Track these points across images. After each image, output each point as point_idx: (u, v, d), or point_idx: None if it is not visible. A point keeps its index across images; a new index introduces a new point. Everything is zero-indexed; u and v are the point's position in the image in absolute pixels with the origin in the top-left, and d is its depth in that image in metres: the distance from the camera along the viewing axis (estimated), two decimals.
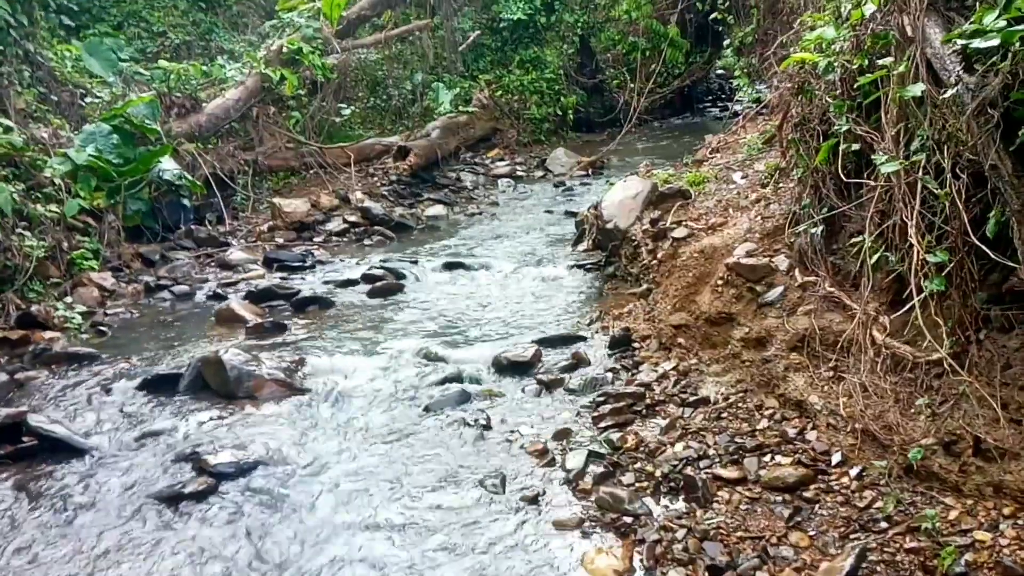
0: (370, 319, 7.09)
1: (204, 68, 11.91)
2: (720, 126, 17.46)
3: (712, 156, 8.80)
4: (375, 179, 11.87)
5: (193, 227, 9.68)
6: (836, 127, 4.57)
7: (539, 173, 12.75)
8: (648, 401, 5.15)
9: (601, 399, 5.25)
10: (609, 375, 5.58)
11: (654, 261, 6.64)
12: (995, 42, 3.26)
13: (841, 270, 5.04)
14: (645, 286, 6.66)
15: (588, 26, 16.17)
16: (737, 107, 12.82)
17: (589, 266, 7.85)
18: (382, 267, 8.35)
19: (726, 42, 19.31)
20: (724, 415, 4.90)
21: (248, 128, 11.53)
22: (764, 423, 4.67)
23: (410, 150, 11.93)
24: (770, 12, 11.79)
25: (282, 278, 8.41)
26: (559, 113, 15.23)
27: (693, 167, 8.51)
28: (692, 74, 17.78)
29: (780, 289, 5.23)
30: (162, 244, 9.31)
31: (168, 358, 6.35)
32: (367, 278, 8.10)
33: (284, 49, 12.15)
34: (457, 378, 5.77)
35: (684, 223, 6.57)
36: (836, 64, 4.62)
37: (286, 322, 7.04)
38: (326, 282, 8.19)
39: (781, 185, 6.10)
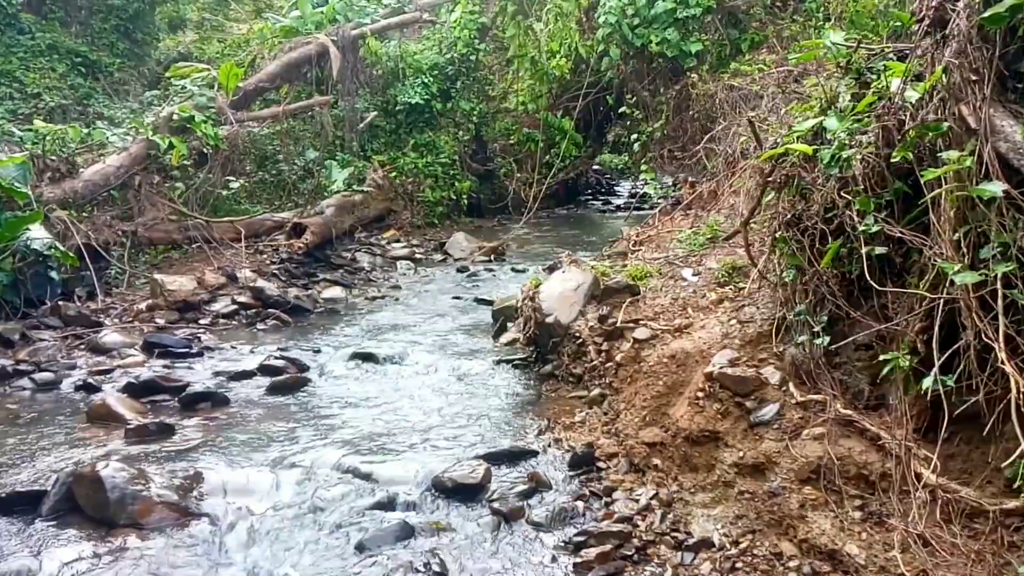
0: (274, 421, 5.89)
1: (84, 131, 10.39)
2: (603, 218, 17.40)
3: (637, 249, 8.26)
4: (264, 256, 10.63)
5: (61, 303, 8.13)
6: (861, 226, 3.90)
7: (439, 256, 11.88)
8: (636, 542, 4.24)
9: (580, 539, 4.29)
10: (579, 504, 4.63)
11: (608, 364, 5.87)
12: None
13: (850, 388, 4.35)
14: (596, 391, 5.86)
15: (482, 114, 15.71)
16: (640, 200, 12.56)
17: (517, 362, 6.97)
18: (282, 356, 7.15)
19: (611, 136, 19.61)
20: (738, 564, 3.99)
21: (128, 197, 10.07)
22: None
23: (306, 227, 10.81)
24: (680, 109, 11.71)
25: (165, 367, 7.04)
26: (453, 197, 14.53)
27: (617, 260, 7.92)
28: (576, 167, 17.66)
29: (774, 406, 4.49)
30: (23, 322, 7.73)
31: (28, 469, 4.93)
32: (266, 370, 6.89)
33: (175, 116, 10.85)
34: (391, 504, 4.67)
35: (642, 323, 5.85)
36: (856, 157, 4.03)
37: (174, 422, 5.75)
38: (218, 373, 6.90)
39: (754, 287, 5.49)
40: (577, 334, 6.32)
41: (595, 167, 20.91)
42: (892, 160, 3.83)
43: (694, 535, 4.23)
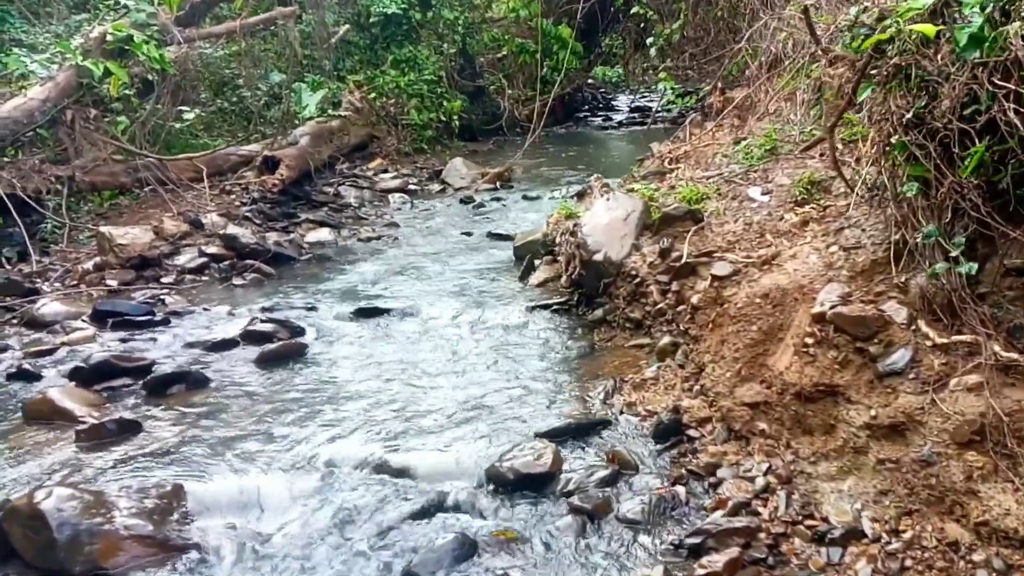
0: (269, 405, 4.64)
1: None
2: (606, 136, 15.98)
3: (674, 167, 7.03)
4: (233, 197, 9.17)
5: None
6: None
7: (436, 187, 10.48)
8: (764, 537, 3.27)
9: (694, 540, 3.27)
10: (679, 490, 3.63)
11: (680, 307, 4.82)
12: None
13: (1002, 323, 3.42)
14: (665, 339, 4.82)
15: (468, 24, 14.10)
16: (644, 114, 11.19)
17: (556, 307, 5.76)
18: (270, 319, 5.83)
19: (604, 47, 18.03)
20: (907, 562, 3.03)
21: (61, 136, 8.52)
22: None
23: (280, 161, 9.34)
24: (701, 5, 10.26)
25: (123, 340, 5.70)
26: (442, 119, 13.03)
27: (655, 181, 6.70)
28: (572, 81, 16.20)
29: (906, 351, 3.54)
30: None
31: None
32: (251, 337, 5.59)
33: (108, 37, 9.20)
34: (439, 507, 3.57)
35: (717, 255, 4.70)
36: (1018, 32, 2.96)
37: (139, 416, 4.48)
38: (190, 344, 5.57)
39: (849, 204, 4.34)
40: (633, 272, 5.29)
41: (587, 82, 19.42)
42: None
43: (833, 522, 3.32)
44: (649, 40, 10.45)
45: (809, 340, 3.81)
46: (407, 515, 3.51)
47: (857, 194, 4.42)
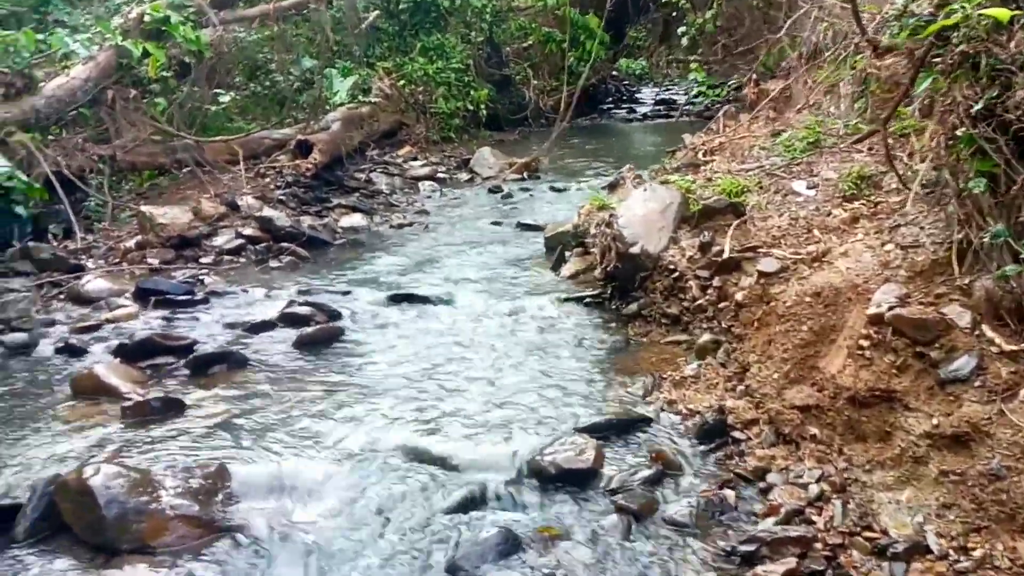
0: (307, 387, 4.73)
1: (40, 37, 8.88)
2: (631, 128, 15.98)
3: (709, 159, 7.04)
4: (267, 180, 9.32)
5: (32, 244, 6.85)
6: None
7: (464, 176, 10.58)
8: (821, 548, 3.19)
9: (748, 548, 3.21)
10: (728, 493, 3.56)
11: (723, 303, 4.77)
12: None
13: None
14: (706, 336, 4.76)
15: (495, 13, 14.13)
16: (668, 107, 11.20)
17: (589, 300, 5.81)
18: (307, 302, 5.95)
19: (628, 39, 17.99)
20: None
21: (102, 115, 8.67)
22: None
23: (313, 145, 9.46)
24: None
25: (165, 318, 5.85)
26: (469, 108, 13.10)
27: (688, 172, 6.71)
28: (597, 72, 16.19)
29: (970, 358, 3.43)
30: None
31: None
32: (289, 319, 5.69)
33: (146, 17, 9.32)
34: (481, 500, 3.58)
35: (762, 251, 4.69)
36: None
37: (182, 395, 4.58)
38: (230, 325, 5.69)
39: (901, 200, 4.34)
40: (671, 266, 5.26)
41: (612, 73, 19.38)
42: None
43: (893, 535, 3.21)
44: (681, 30, 10.41)
45: (864, 342, 3.72)
46: (448, 506, 3.52)
47: (913, 190, 4.32)
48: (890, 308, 3.67)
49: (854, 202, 4.97)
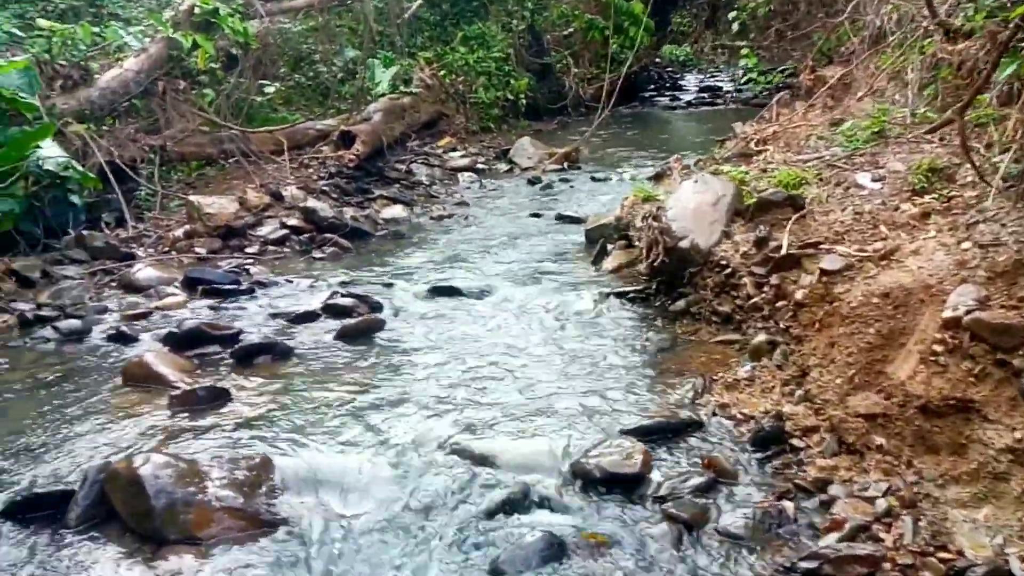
0: (349, 379, 4.79)
1: (96, 30, 9.08)
2: (673, 116, 15.81)
3: (762, 148, 6.85)
4: (311, 171, 9.43)
5: (86, 232, 7.04)
6: None
7: (503, 166, 10.59)
8: (891, 569, 2.98)
9: (810, 565, 3.01)
10: (787, 505, 3.38)
11: (780, 302, 4.60)
12: None
13: None
14: (761, 336, 4.60)
15: (537, 0, 14.07)
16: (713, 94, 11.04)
17: (633, 295, 5.72)
18: (350, 293, 6.03)
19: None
20: None
21: (153, 107, 8.85)
22: None
23: (356, 136, 9.54)
24: None
25: (212, 308, 5.98)
26: (509, 98, 13.08)
27: (740, 162, 6.54)
28: (640, 60, 16.02)
29: None
30: (44, 256, 6.67)
31: (51, 457, 3.89)
32: (332, 310, 5.78)
33: (196, 9, 9.48)
34: (523, 502, 3.50)
35: (825, 247, 4.53)
36: None
37: (227, 384, 4.66)
38: (275, 315, 5.79)
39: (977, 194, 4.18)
40: (723, 261, 5.06)
41: (654, 60, 19.18)
42: None
43: (970, 556, 2.96)
44: (732, 14, 10.21)
45: (938, 348, 3.50)
46: (492, 507, 3.47)
47: (994, 184, 4.10)
48: (968, 311, 3.45)
49: (924, 196, 4.67)
